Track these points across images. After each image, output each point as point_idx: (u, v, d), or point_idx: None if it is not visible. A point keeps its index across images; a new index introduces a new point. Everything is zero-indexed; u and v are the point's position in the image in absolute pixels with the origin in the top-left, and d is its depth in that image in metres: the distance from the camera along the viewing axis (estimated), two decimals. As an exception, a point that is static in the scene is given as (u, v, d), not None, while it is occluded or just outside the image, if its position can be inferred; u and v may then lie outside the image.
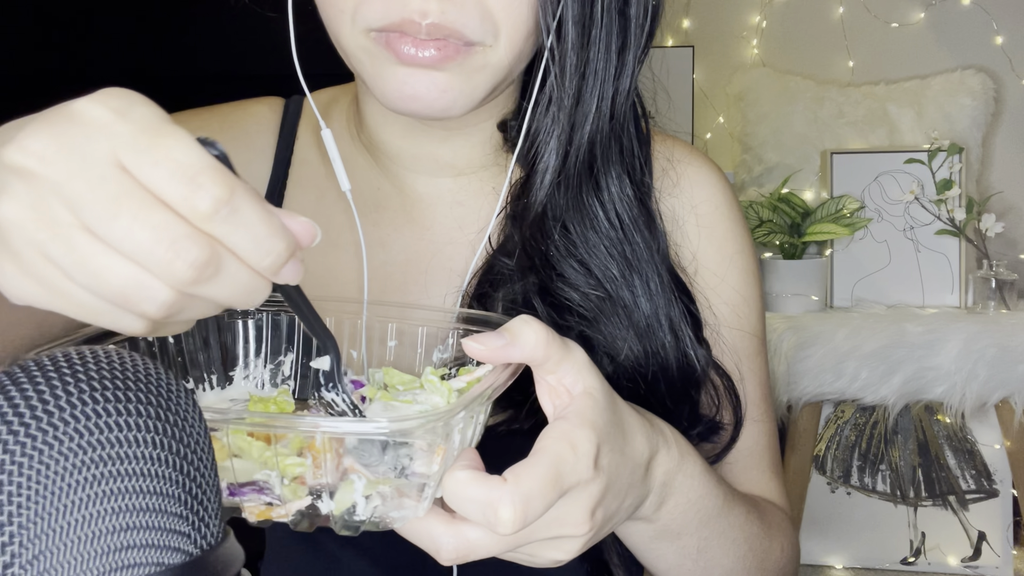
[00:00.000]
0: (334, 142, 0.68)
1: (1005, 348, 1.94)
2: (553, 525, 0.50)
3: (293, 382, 0.66)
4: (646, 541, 0.64)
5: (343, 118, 0.82)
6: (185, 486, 0.35)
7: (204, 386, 0.62)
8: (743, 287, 0.79)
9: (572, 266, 0.70)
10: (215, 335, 0.63)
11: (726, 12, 2.65)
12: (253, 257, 0.36)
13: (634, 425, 0.55)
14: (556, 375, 0.51)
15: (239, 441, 0.48)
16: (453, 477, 0.46)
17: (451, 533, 0.48)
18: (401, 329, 0.66)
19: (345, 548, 0.77)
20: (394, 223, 0.78)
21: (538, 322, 0.50)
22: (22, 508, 0.32)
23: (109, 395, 0.34)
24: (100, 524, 0.33)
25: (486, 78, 0.65)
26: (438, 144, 0.75)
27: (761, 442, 0.80)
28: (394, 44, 0.62)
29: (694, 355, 0.71)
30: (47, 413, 0.33)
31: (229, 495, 0.48)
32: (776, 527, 0.74)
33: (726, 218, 0.79)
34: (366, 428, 0.46)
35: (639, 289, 0.70)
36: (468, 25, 0.61)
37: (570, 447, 0.48)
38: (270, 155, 0.82)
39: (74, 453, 0.33)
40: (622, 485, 0.54)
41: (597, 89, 0.68)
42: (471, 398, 0.47)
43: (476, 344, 0.50)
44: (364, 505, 0.48)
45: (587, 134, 0.69)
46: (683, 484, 0.60)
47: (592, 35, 0.66)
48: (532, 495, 0.46)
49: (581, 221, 0.70)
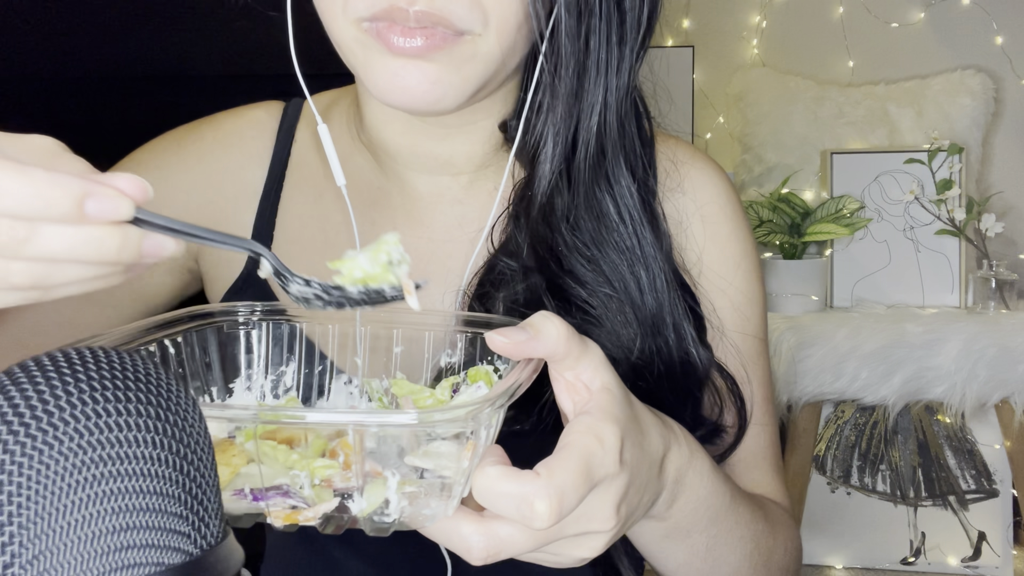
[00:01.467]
0: (330, 138, 0.68)
1: (1005, 348, 1.94)
2: (582, 520, 0.50)
3: (296, 392, 0.65)
4: (657, 540, 0.63)
5: (343, 119, 0.82)
6: (185, 486, 0.35)
7: (205, 398, 0.61)
8: (747, 288, 0.79)
9: (581, 263, 0.69)
10: (215, 346, 0.62)
11: (726, 12, 2.65)
12: (46, 212, 0.38)
13: (648, 421, 0.55)
14: (574, 371, 0.51)
15: (263, 446, 0.47)
16: (484, 473, 0.46)
17: (481, 531, 0.47)
18: (408, 335, 0.65)
19: (344, 549, 0.77)
20: (394, 222, 0.78)
21: (559, 318, 0.50)
22: (22, 508, 0.32)
23: (109, 395, 0.34)
24: (100, 524, 0.33)
25: (476, 69, 0.64)
26: (438, 142, 0.75)
27: (764, 443, 0.80)
28: (384, 35, 0.62)
29: (696, 354, 0.71)
30: (47, 413, 0.33)
31: (253, 500, 0.47)
32: (780, 525, 0.75)
33: (730, 220, 0.79)
34: (396, 419, 0.45)
35: (645, 285, 0.70)
36: (456, 12, 0.61)
37: (597, 440, 0.48)
38: (266, 158, 0.82)
39: (74, 453, 0.33)
40: (642, 480, 0.53)
41: (601, 81, 0.68)
42: (497, 393, 0.47)
43: (500, 338, 0.49)
44: (396, 503, 0.47)
45: (594, 126, 0.69)
46: (693, 481, 0.60)
47: (591, 25, 0.66)
48: (566, 488, 0.46)
49: (592, 217, 0.70)
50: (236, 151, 0.82)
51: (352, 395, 0.65)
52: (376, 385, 0.63)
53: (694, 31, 2.66)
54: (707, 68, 2.64)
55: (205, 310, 0.61)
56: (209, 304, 0.75)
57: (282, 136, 0.83)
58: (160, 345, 0.57)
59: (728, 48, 2.66)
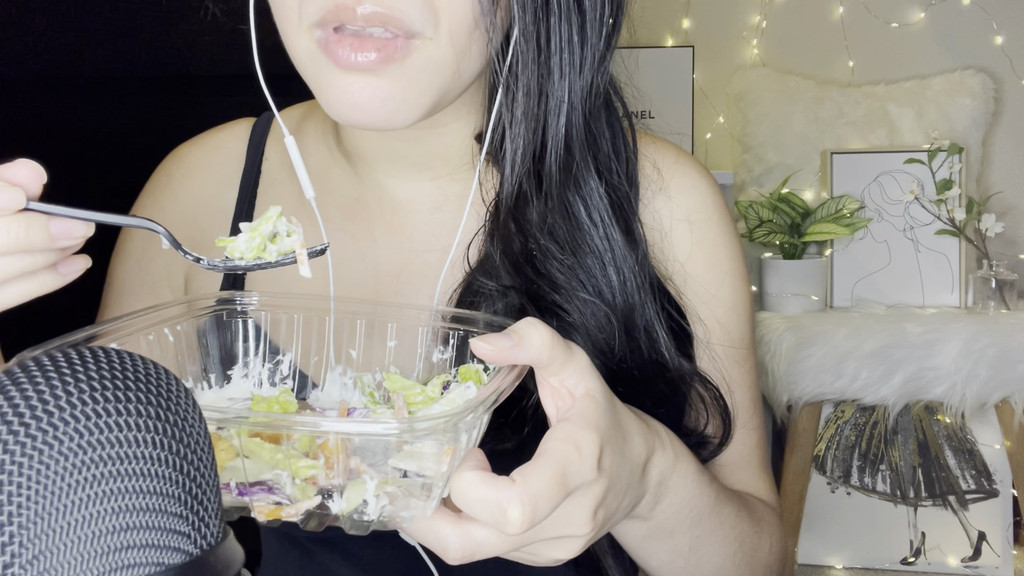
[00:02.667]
0: (297, 151, 0.67)
1: (1005, 348, 1.94)
2: (557, 525, 0.50)
3: (292, 381, 0.66)
4: (640, 539, 0.64)
5: (319, 130, 0.80)
6: (185, 486, 0.35)
7: (203, 385, 0.62)
8: (733, 295, 0.78)
9: (556, 267, 0.69)
10: (213, 334, 0.63)
11: (726, 12, 2.65)
12: None
13: (632, 427, 0.56)
14: (559, 377, 0.52)
15: (249, 443, 0.48)
16: (462, 477, 0.47)
17: (458, 532, 0.49)
18: (402, 328, 0.65)
19: (335, 556, 0.77)
20: (372, 234, 0.76)
21: (543, 324, 0.51)
22: (22, 508, 0.32)
23: (109, 395, 0.34)
24: (100, 524, 0.33)
25: (431, 80, 0.62)
26: (413, 145, 0.73)
27: (751, 444, 0.81)
28: (332, 49, 0.60)
29: (668, 358, 0.71)
30: (47, 413, 0.33)
31: (239, 495, 0.48)
32: (765, 524, 0.75)
33: (716, 225, 0.78)
34: (377, 429, 0.46)
35: (616, 287, 0.69)
36: (407, 13, 0.59)
37: (575, 448, 0.49)
38: (236, 180, 0.81)
39: (74, 453, 0.33)
40: (622, 485, 0.54)
41: (565, 83, 0.66)
42: (479, 400, 0.48)
43: (484, 345, 0.50)
44: (374, 504, 0.48)
45: (562, 128, 0.67)
46: (677, 484, 0.61)
47: (551, 25, 0.64)
48: (540, 496, 0.46)
49: (565, 220, 0.69)
50: (204, 181, 0.82)
51: (346, 386, 0.66)
52: (368, 380, 0.64)
53: (694, 31, 2.66)
54: (707, 68, 2.64)
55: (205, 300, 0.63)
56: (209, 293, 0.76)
57: (251, 154, 0.82)
58: (159, 335, 0.58)
59: (728, 48, 2.66)
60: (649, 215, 0.76)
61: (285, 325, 0.65)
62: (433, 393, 0.59)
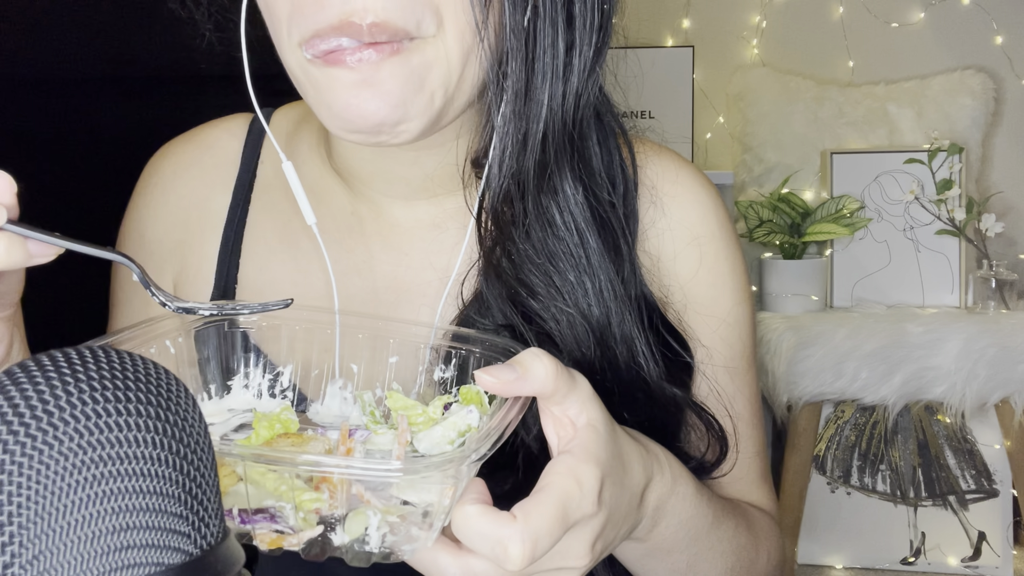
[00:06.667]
0: (295, 174, 0.64)
1: (1005, 348, 1.94)
2: (556, 558, 0.51)
3: (292, 392, 0.65)
4: (638, 558, 0.64)
5: (313, 139, 0.78)
6: (185, 486, 0.35)
7: (203, 395, 0.62)
8: (735, 310, 0.77)
9: (533, 272, 0.67)
10: (214, 344, 0.63)
11: (726, 12, 2.65)
12: None
13: (632, 454, 0.56)
14: (562, 407, 0.52)
15: (252, 471, 0.48)
16: (463, 511, 0.47)
17: (458, 564, 0.49)
18: (403, 344, 0.65)
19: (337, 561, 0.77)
20: (370, 250, 0.75)
21: (547, 355, 0.50)
22: (22, 508, 0.32)
23: (109, 395, 0.34)
24: (100, 524, 0.33)
25: (439, 77, 0.60)
26: (409, 166, 0.71)
27: (750, 456, 0.80)
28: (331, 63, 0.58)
29: (647, 370, 0.69)
30: (47, 413, 0.33)
31: (241, 523, 0.48)
32: (763, 535, 0.75)
33: (718, 240, 0.77)
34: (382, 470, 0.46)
35: (592, 295, 0.68)
36: (411, 20, 0.57)
37: (576, 483, 0.49)
38: (230, 183, 0.79)
39: (74, 453, 0.33)
40: (620, 516, 0.54)
41: (547, 87, 0.64)
42: (482, 437, 0.48)
43: (488, 377, 0.50)
44: (376, 535, 0.48)
45: (540, 131, 0.65)
46: (675, 506, 0.61)
47: (537, 25, 0.62)
48: (541, 533, 0.47)
49: (542, 226, 0.67)
50: (196, 181, 0.79)
51: (346, 400, 0.65)
52: (368, 398, 0.63)
53: (694, 31, 2.66)
54: (707, 68, 2.64)
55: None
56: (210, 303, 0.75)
57: (247, 156, 0.79)
58: (160, 346, 0.58)
59: (728, 48, 2.66)
60: (649, 241, 0.74)
61: (286, 337, 0.65)
62: (435, 414, 0.58)
